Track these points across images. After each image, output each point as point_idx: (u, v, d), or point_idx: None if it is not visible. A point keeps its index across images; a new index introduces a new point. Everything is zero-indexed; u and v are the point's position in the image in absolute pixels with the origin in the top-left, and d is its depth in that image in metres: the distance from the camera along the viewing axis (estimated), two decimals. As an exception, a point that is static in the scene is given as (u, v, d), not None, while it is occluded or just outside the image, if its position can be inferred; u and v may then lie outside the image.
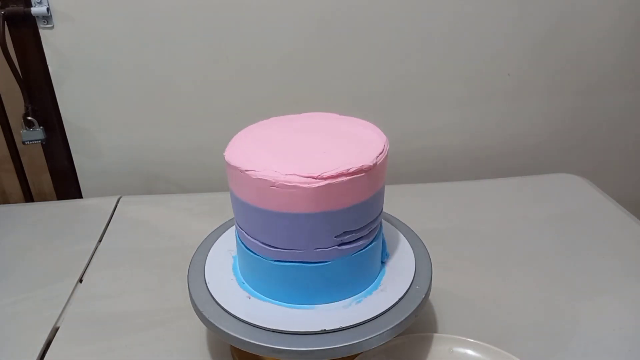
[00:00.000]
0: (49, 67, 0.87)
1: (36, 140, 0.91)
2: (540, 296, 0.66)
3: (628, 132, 1.05)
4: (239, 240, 0.52)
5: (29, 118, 0.89)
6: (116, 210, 0.87)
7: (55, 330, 0.63)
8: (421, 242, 0.58)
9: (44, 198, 1.00)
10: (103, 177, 0.98)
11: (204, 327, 0.51)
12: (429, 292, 0.52)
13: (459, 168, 1.03)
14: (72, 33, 0.85)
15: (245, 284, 0.53)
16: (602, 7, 0.91)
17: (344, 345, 0.45)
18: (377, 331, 0.47)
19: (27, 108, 0.88)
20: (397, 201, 0.66)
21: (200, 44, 0.87)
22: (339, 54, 0.90)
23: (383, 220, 0.56)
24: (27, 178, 0.97)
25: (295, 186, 0.44)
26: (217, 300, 0.50)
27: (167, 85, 0.90)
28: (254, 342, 0.46)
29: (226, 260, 0.56)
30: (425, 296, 0.50)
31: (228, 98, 0.92)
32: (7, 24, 0.83)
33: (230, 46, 0.88)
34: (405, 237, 0.59)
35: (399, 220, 0.62)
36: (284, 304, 0.50)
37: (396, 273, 0.53)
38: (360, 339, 0.46)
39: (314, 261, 0.48)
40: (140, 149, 0.96)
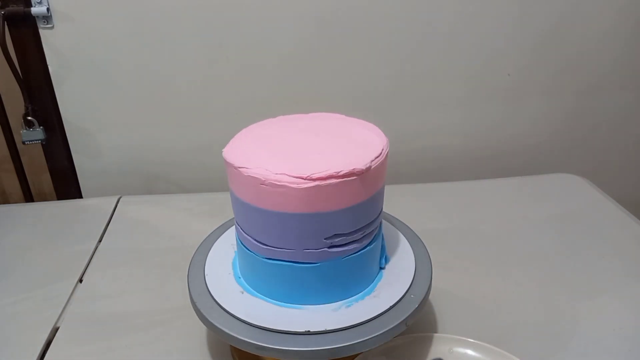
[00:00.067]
0: (49, 67, 0.87)
1: (36, 140, 0.91)
2: (540, 296, 0.66)
3: (628, 132, 1.05)
4: (236, 235, 0.53)
5: (29, 118, 0.89)
6: (116, 210, 0.87)
7: (55, 330, 0.63)
8: (421, 242, 0.58)
9: (44, 198, 1.00)
10: (103, 177, 0.98)
11: (204, 327, 0.51)
12: (425, 301, 0.51)
13: (459, 168, 1.03)
14: (72, 33, 0.85)
15: (242, 279, 0.53)
16: (602, 7, 0.91)
17: (326, 349, 0.45)
18: (362, 337, 0.46)
19: (27, 108, 0.88)
20: (397, 201, 0.66)
21: (200, 43, 0.87)
22: (339, 54, 0.90)
23: (383, 221, 0.56)
24: (27, 178, 0.97)
25: (284, 185, 0.44)
26: (212, 294, 0.51)
27: (167, 85, 0.90)
28: (236, 335, 0.47)
29: (226, 260, 0.56)
30: (419, 305, 0.49)
31: (228, 98, 0.92)
32: (7, 24, 0.83)
33: (230, 46, 0.88)
34: (405, 237, 0.59)
35: (399, 220, 0.62)
36: (274, 301, 0.50)
37: (394, 277, 0.53)
38: (343, 343, 0.45)
39: (303, 262, 0.48)
40: (140, 149, 0.96)
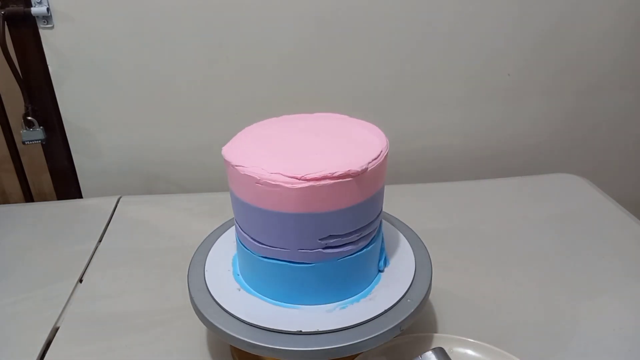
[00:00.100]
0: (49, 67, 0.87)
1: (36, 140, 0.91)
2: (540, 296, 0.66)
3: (628, 132, 1.05)
4: (236, 233, 0.53)
5: (29, 118, 0.89)
6: (116, 210, 0.87)
7: (55, 330, 0.63)
8: (421, 242, 0.58)
9: (44, 198, 1.00)
10: (103, 177, 0.98)
11: (204, 327, 0.51)
12: (422, 305, 0.50)
13: (459, 168, 1.03)
14: (72, 33, 0.85)
15: (240, 276, 0.54)
16: (602, 7, 0.91)
17: (317, 349, 0.45)
18: (354, 339, 0.46)
19: (27, 108, 0.88)
20: (397, 201, 0.66)
21: (200, 43, 0.87)
22: (339, 54, 0.90)
23: (383, 221, 0.56)
24: (27, 178, 0.97)
25: (278, 185, 0.44)
26: (212, 293, 0.51)
27: (167, 85, 0.90)
28: (229, 332, 0.47)
29: (226, 259, 0.56)
30: (414, 310, 0.49)
31: (228, 98, 0.92)
32: (7, 24, 0.83)
33: (230, 46, 0.88)
34: (405, 237, 0.59)
35: (399, 220, 0.62)
36: (270, 300, 0.50)
37: (392, 280, 0.52)
38: (335, 344, 0.45)
39: (298, 261, 0.48)
40: (140, 149, 0.96)
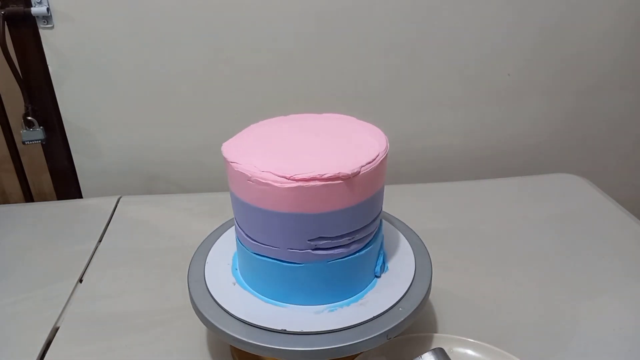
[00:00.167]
0: (49, 67, 0.87)
1: (36, 140, 0.91)
2: (540, 296, 0.66)
3: (628, 132, 1.05)
4: (235, 229, 0.53)
5: (29, 118, 0.89)
6: (116, 210, 0.87)
7: (55, 330, 0.63)
8: (421, 242, 0.58)
9: (44, 198, 1.00)
10: (103, 177, 0.98)
11: (204, 327, 0.51)
12: (414, 316, 0.49)
13: (459, 168, 1.03)
14: (72, 33, 0.85)
15: (238, 270, 0.54)
16: (602, 7, 0.91)
17: (299, 350, 0.45)
18: (337, 343, 0.46)
19: (27, 108, 0.88)
20: (397, 201, 0.66)
21: (200, 44, 0.87)
22: (339, 54, 0.90)
23: (383, 221, 0.56)
24: (27, 178, 0.97)
25: (268, 184, 0.44)
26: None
27: (167, 85, 0.90)
28: (217, 325, 0.48)
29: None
30: (404, 319, 0.48)
31: (228, 98, 0.92)
32: (7, 24, 0.83)
33: (230, 46, 0.88)
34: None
35: (399, 220, 0.62)
36: (261, 296, 0.51)
37: (388, 285, 0.52)
38: (319, 347, 0.45)
39: (287, 261, 0.48)
40: (140, 149, 0.96)
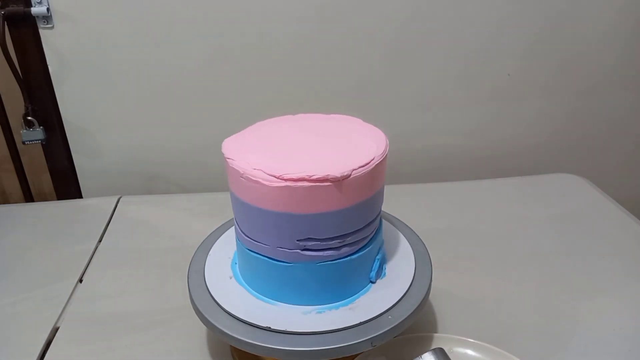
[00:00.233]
0: (49, 67, 0.87)
1: (36, 140, 0.91)
2: (540, 296, 0.66)
3: (628, 132, 1.05)
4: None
5: (29, 118, 0.89)
6: (116, 210, 0.87)
7: (55, 330, 0.63)
8: (421, 242, 0.58)
9: (44, 198, 1.00)
10: (103, 177, 0.98)
11: (204, 327, 0.51)
12: (402, 326, 0.48)
13: (459, 168, 1.03)
14: (72, 33, 0.85)
15: (236, 265, 0.55)
16: (602, 7, 0.91)
17: (281, 349, 0.45)
18: (319, 346, 0.45)
19: (27, 108, 0.88)
20: (397, 201, 0.66)
21: (200, 43, 0.87)
22: (340, 54, 0.90)
23: (384, 221, 0.56)
24: (27, 178, 0.97)
25: (257, 181, 0.45)
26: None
27: (167, 85, 0.90)
28: (206, 317, 0.48)
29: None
30: (391, 328, 0.47)
31: (228, 98, 0.92)
32: (7, 24, 0.82)
33: (230, 46, 0.88)
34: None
35: (399, 220, 0.62)
36: (253, 292, 0.51)
37: (383, 290, 0.51)
38: (301, 347, 0.46)
39: (277, 259, 0.48)
40: (140, 149, 0.96)
